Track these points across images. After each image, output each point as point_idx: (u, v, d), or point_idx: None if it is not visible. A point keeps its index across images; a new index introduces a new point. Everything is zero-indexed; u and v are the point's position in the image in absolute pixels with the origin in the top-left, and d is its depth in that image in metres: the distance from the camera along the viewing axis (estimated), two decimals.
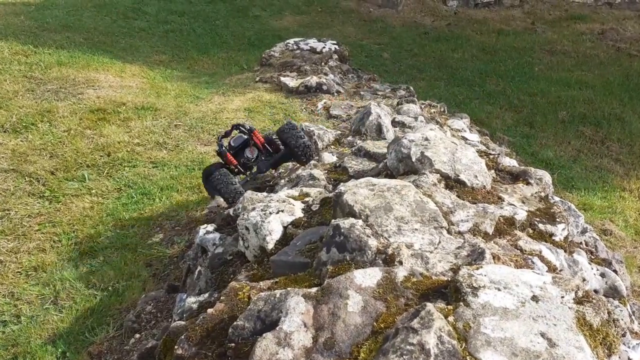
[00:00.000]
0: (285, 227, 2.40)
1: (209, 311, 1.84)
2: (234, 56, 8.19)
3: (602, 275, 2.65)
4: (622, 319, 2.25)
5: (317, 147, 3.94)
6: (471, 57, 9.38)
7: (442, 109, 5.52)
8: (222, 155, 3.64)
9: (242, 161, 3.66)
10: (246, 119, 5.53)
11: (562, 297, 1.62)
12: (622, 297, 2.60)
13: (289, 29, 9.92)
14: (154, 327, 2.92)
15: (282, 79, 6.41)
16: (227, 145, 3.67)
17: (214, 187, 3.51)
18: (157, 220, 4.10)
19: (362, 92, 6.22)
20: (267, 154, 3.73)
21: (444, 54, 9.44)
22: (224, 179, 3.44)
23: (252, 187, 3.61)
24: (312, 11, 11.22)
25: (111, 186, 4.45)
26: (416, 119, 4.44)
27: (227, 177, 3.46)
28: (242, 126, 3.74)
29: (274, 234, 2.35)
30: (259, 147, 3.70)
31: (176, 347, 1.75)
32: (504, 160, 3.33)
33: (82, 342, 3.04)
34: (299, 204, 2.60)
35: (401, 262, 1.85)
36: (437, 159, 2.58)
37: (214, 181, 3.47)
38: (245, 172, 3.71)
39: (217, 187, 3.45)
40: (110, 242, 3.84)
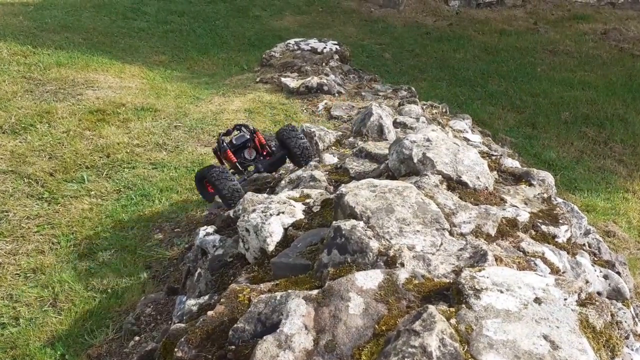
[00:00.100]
0: (285, 229, 2.39)
1: (209, 313, 1.84)
2: (234, 56, 8.17)
3: (605, 277, 2.63)
4: (625, 321, 2.22)
5: (317, 148, 3.92)
6: (473, 57, 9.35)
7: (443, 110, 5.50)
8: (223, 151, 3.62)
9: (239, 161, 3.65)
10: (246, 120, 5.52)
11: (565, 299, 1.61)
12: (625, 299, 2.58)
13: (289, 29, 9.90)
14: (153, 329, 2.91)
15: (283, 79, 6.39)
16: (228, 142, 3.66)
17: (212, 183, 3.47)
18: (157, 221, 4.09)
19: (363, 93, 6.20)
20: (265, 156, 3.72)
21: (445, 54, 9.42)
22: (222, 175, 3.41)
23: (252, 188, 3.60)
24: (313, 11, 11.21)
25: (110, 187, 4.44)
26: (418, 119, 4.43)
27: (225, 174, 3.43)
28: (245, 126, 3.73)
29: (274, 236, 2.34)
30: (258, 149, 3.69)
31: (176, 349, 1.74)
32: (506, 161, 3.32)
33: (81, 345, 3.02)
34: (299, 206, 2.59)
35: (403, 264, 1.83)
36: (439, 160, 2.57)
37: (211, 178, 3.43)
38: (242, 172, 3.69)
39: (214, 184, 3.41)
40: (109, 244, 3.83)
